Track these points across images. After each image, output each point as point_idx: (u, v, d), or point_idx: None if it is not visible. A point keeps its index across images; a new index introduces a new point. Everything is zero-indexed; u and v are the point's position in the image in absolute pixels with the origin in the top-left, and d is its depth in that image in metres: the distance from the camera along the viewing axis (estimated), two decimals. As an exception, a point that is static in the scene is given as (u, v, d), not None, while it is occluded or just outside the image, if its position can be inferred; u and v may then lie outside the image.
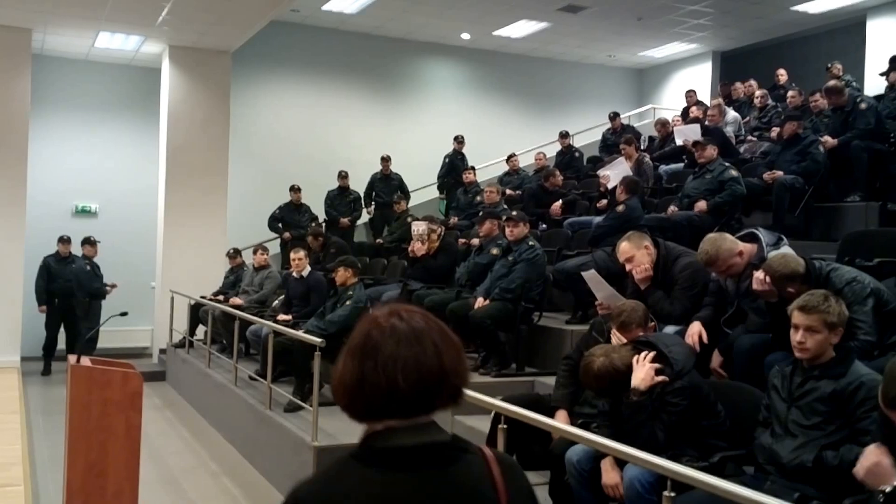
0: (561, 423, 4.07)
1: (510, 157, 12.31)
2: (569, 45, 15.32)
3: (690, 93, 12.74)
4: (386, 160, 12.58)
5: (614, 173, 8.62)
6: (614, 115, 12.92)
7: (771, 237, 4.50)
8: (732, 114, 10.85)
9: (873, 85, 11.71)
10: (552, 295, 7.21)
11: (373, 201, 12.53)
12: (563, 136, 12.77)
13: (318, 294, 8.15)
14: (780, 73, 12.16)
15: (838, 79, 9.84)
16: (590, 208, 9.21)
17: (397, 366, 1.36)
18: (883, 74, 9.93)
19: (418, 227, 8.23)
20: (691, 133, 9.38)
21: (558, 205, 9.45)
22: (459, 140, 13.09)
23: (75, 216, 12.97)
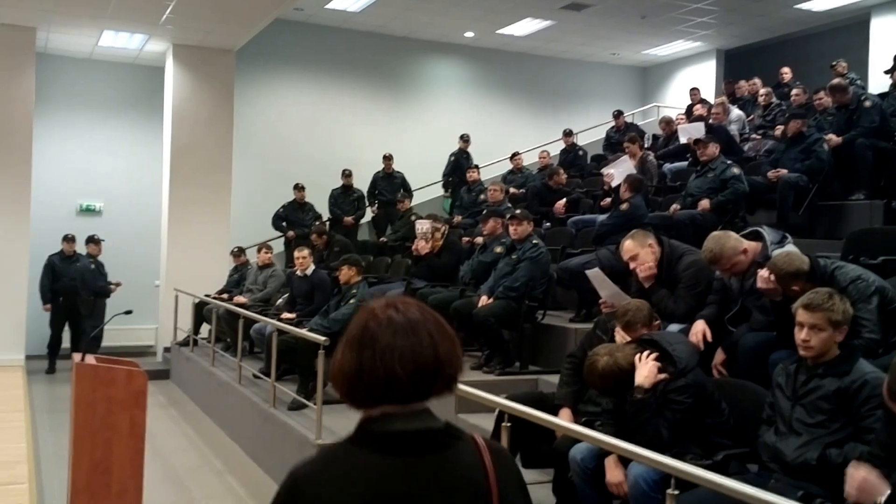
0: (565, 421, 4.07)
1: (514, 156, 12.31)
2: (572, 44, 15.31)
3: (694, 91, 12.73)
4: (388, 159, 12.57)
5: (618, 171, 8.62)
6: (618, 114, 12.90)
7: (775, 235, 4.49)
8: (736, 112, 10.83)
9: (878, 83, 11.68)
10: (556, 293, 7.20)
11: (376, 200, 12.54)
12: (567, 134, 12.78)
13: (321, 292, 8.16)
14: (784, 72, 12.13)
15: (843, 77, 9.83)
16: (593, 207, 9.21)
17: (394, 355, 1.41)
18: (887, 72, 9.92)
19: (422, 225, 8.23)
20: (695, 131, 9.38)
21: (562, 203, 9.44)
22: (465, 139, 13.07)
23: (80, 215, 13.00)
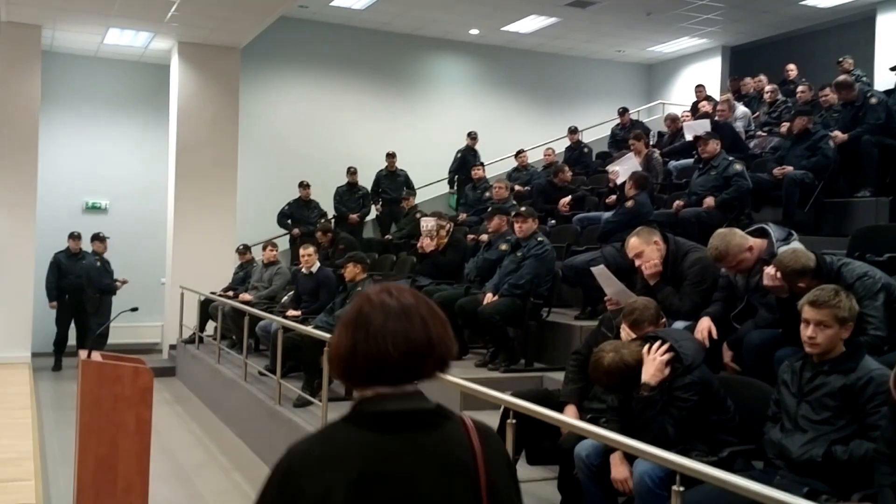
0: (570, 418, 4.07)
1: (519, 153, 12.30)
2: (577, 41, 15.29)
3: (700, 88, 12.70)
4: (392, 156, 12.58)
5: (623, 169, 8.61)
6: (623, 111, 12.88)
7: (781, 232, 4.48)
8: (742, 109, 10.81)
9: (883, 80, 11.64)
10: (561, 291, 7.20)
11: (379, 198, 12.54)
12: (572, 131, 12.77)
13: (327, 290, 8.17)
14: (790, 69, 12.10)
15: (849, 73, 9.80)
16: (599, 204, 9.19)
17: (387, 336, 1.47)
18: (893, 69, 9.88)
19: (427, 223, 8.23)
20: (701, 128, 9.34)
21: (567, 200, 9.43)
22: (472, 136, 13.04)
23: (85, 213, 13.03)
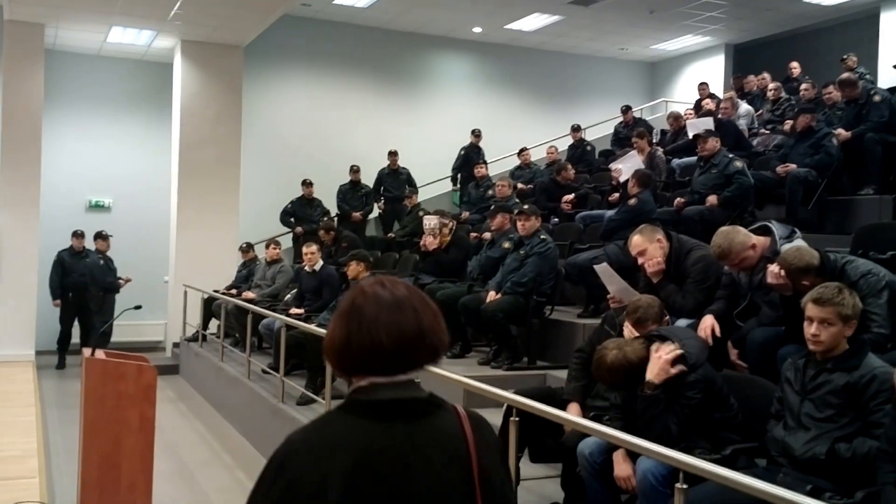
0: (573, 415, 4.07)
1: (522, 151, 12.30)
2: (581, 39, 15.28)
3: (703, 86, 12.69)
4: (394, 154, 12.58)
5: (626, 167, 8.61)
6: (626, 109, 12.86)
7: (784, 230, 4.48)
8: (745, 107, 10.79)
9: (887, 77, 11.62)
10: (564, 289, 7.20)
11: (381, 196, 12.54)
12: (575, 129, 12.75)
13: (330, 288, 8.17)
14: (793, 66, 12.08)
15: (852, 71, 9.78)
16: (601, 202, 9.19)
17: (379, 326, 1.51)
18: (897, 66, 9.87)
19: (430, 221, 8.23)
20: (704, 126, 9.33)
21: (570, 198, 9.43)
22: (476, 134, 13.04)
23: (89, 211, 13.04)
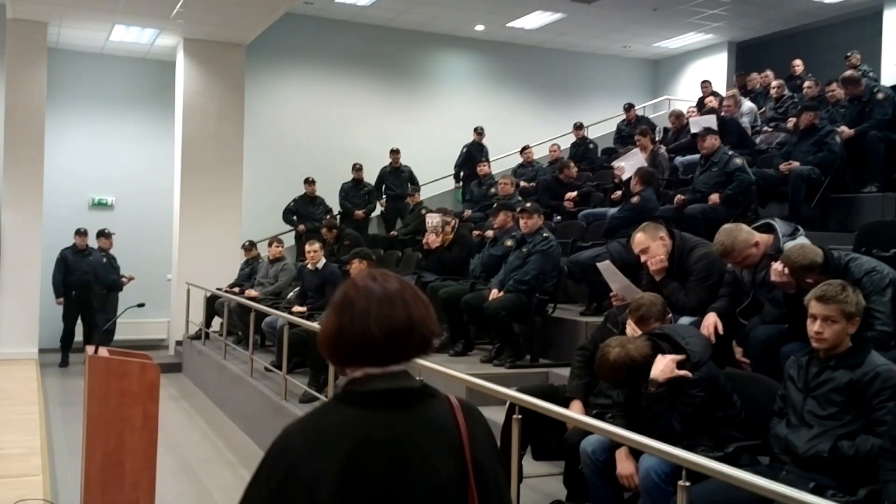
0: (576, 413, 4.07)
1: (524, 149, 12.29)
2: (583, 36, 15.26)
3: (706, 83, 12.67)
4: (395, 152, 12.57)
5: (629, 164, 8.60)
6: (629, 107, 12.86)
7: (787, 228, 4.47)
8: (748, 104, 10.78)
9: (890, 75, 11.61)
10: (566, 286, 7.20)
11: (383, 194, 12.55)
12: (578, 127, 12.74)
13: (332, 286, 8.15)
14: (796, 64, 12.06)
15: (855, 68, 9.76)
16: (604, 200, 9.18)
17: (370, 317, 1.56)
18: (900, 64, 9.85)
19: (432, 219, 8.23)
20: (707, 124, 9.32)
21: (572, 196, 9.42)
22: (479, 131, 13.01)
23: (92, 209, 13.05)
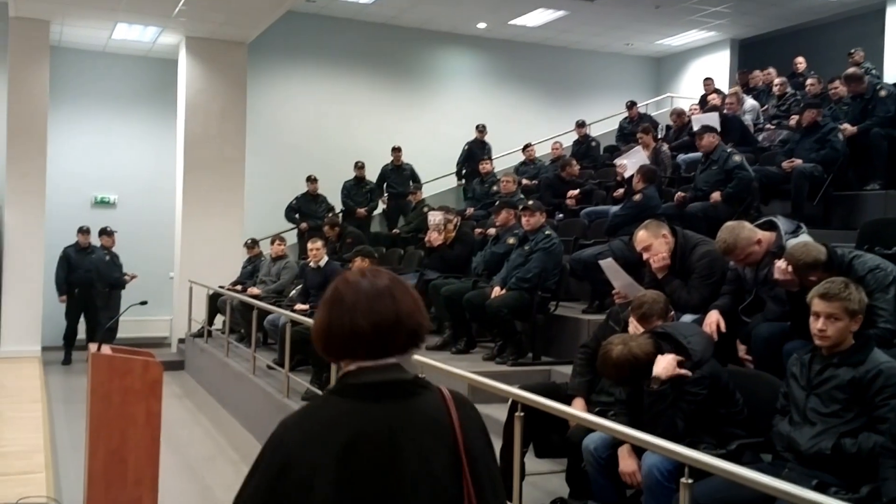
0: (578, 410, 4.07)
1: (526, 147, 12.28)
2: (585, 34, 15.24)
3: (708, 81, 12.65)
4: (397, 150, 12.57)
5: (631, 162, 8.59)
6: (631, 104, 12.83)
7: (789, 225, 4.47)
8: (751, 102, 10.77)
9: (893, 72, 11.60)
10: (569, 284, 7.20)
11: (385, 192, 12.55)
12: (580, 125, 12.72)
13: (334, 284, 8.16)
14: (799, 62, 12.04)
15: (858, 66, 9.75)
16: (606, 198, 9.18)
17: (357, 311, 1.61)
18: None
19: (435, 216, 8.23)
20: (710, 121, 9.32)
21: (575, 194, 9.42)
22: (480, 129, 13.03)
23: (94, 207, 13.06)
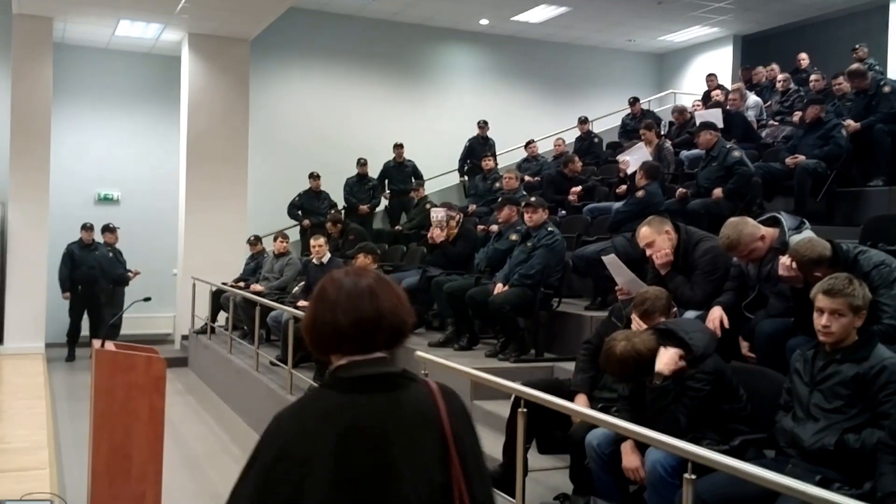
0: (581, 407, 4.07)
1: (529, 144, 12.27)
2: (588, 30, 15.22)
3: (711, 77, 12.63)
4: (399, 147, 12.57)
5: (634, 159, 8.57)
6: (634, 101, 12.82)
7: (793, 221, 4.46)
8: (754, 98, 10.75)
9: (897, 68, 11.56)
10: (571, 281, 7.20)
11: (387, 189, 12.54)
12: (583, 121, 12.72)
13: (337, 280, 8.16)
14: (802, 58, 12.01)
15: (862, 62, 9.73)
16: (609, 194, 9.17)
17: (337, 307, 1.70)
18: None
19: (437, 213, 8.21)
20: (713, 118, 9.30)
21: (577, 191, 9.41)
22: (481, 125, 13.02)
23: (98, 204, 13.09)
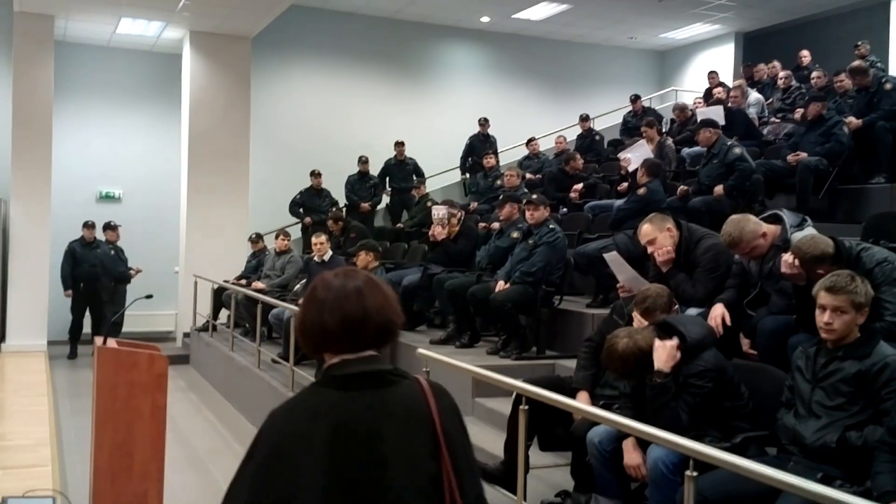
0: (582, 404, 4.07)
1: (530, 141, 12.27)
2: (589, 28, 15.21)
3: (713, 74, 12.62)
4: (400, 145, 12.56)
5: (635, 156, 8.58)
6: (635, 98, 12.81)
7: (794, 218, 4.46)
8: (755, 95, 10.74)
9: (899, 65, 11.54)
10: (573, 278, 7.19)
11: (388, 187, 12.54)
12: (584, 119, 12.72)
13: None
14: (804, 55, 12.01)
15: (864, 59, 9.72)
16: (611, 192, 9.17)
17: (324, 307, 1.76)
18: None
19: (438, 211, 8.22)
20: (715, 115, 9.29)
21: (579, 188, 9.41)
22: (482, 122, 13.03)
23: (99, 202, 13.10)
